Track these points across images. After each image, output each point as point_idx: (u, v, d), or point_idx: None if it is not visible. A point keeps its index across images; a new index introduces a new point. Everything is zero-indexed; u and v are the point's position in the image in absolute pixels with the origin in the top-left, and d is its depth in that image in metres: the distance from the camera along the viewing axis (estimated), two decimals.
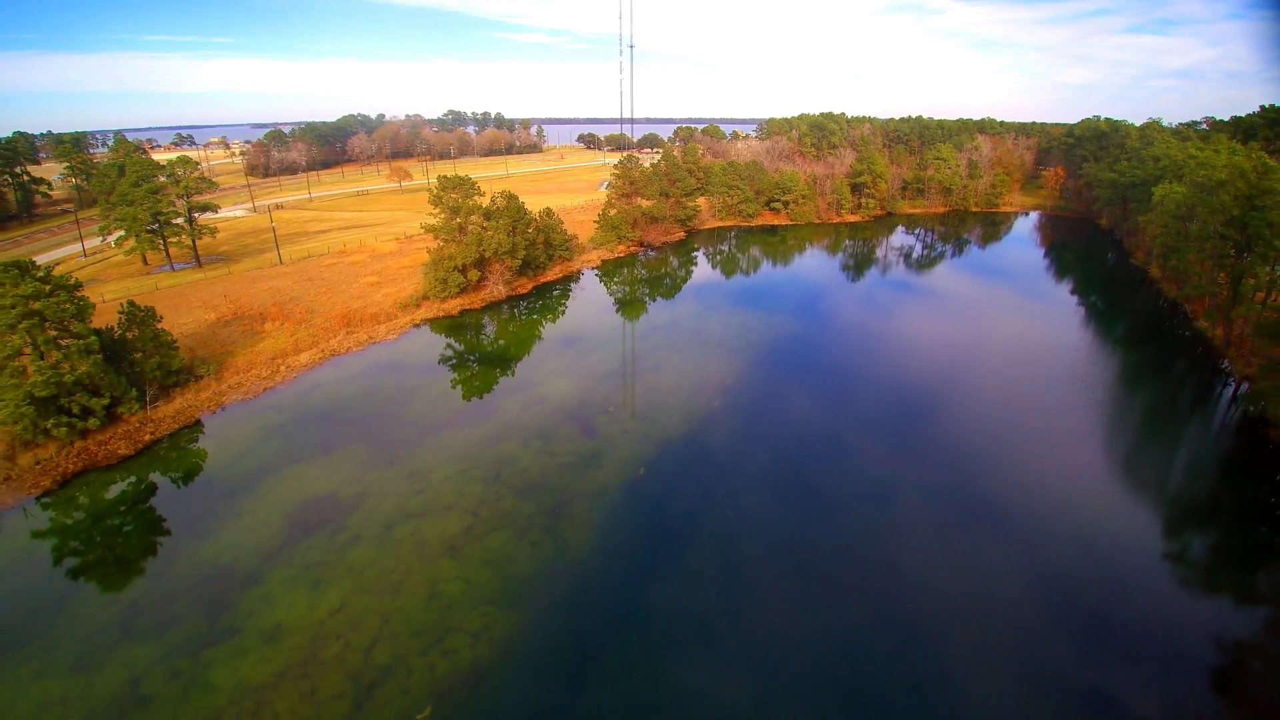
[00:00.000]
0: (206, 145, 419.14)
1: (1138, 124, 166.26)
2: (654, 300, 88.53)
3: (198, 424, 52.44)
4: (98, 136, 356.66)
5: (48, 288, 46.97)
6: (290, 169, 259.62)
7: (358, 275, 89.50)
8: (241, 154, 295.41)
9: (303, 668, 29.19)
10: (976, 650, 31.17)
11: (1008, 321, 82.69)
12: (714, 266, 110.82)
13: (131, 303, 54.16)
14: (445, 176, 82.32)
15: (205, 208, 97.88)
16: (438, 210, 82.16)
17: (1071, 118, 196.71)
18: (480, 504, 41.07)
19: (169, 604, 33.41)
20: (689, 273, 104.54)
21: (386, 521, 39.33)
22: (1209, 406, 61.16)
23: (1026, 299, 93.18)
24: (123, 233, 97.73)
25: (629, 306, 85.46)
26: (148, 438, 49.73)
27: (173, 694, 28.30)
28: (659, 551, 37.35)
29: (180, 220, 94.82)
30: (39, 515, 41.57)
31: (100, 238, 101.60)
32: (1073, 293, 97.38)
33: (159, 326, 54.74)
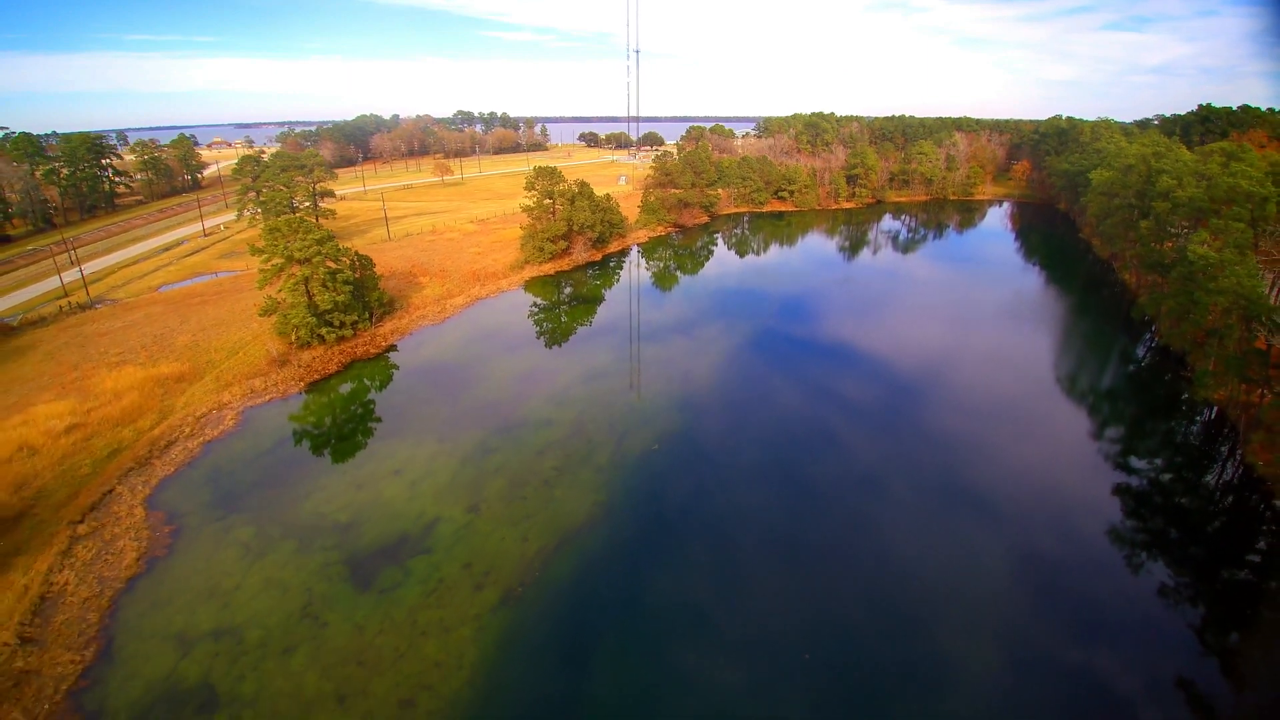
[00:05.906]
0: (210, 145, 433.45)
1: (1096, 123, 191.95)
2: (700, 266, 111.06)
3: (408, 338, 73.69)
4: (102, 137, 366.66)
5: (325, 235, 68.10)
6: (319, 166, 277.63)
7: (461, 248, 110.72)
8: (261, 152, 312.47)
9: (576, 433, 51.18)
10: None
11: (979, 284, 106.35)
12: (736, 243, 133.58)
13: (358, 252, 75.28)
14: (539, 167, 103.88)
15: (326, 193, 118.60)
16: (532, 193, 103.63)
17: (1055, 113, 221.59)
18: (637, 371, 63.21)
19: (476, 415, 54.83)
20: (718, 248, 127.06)
21: (583, 378, 61.30)
22: (1128, 331, 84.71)
23: (996, 269, 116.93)
24: (248, 212, 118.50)
25: (681, 270, 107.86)
26: (383, 344, 71.02)
27: (507, 446, 49.94)
28: (762, 383, 59.76)
29: (307, 204, 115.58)
30: (341, 385, 62.71)
31: (235, 214, 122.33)
32: (1037, 263, 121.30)
33: (374, 271, 75.94)
